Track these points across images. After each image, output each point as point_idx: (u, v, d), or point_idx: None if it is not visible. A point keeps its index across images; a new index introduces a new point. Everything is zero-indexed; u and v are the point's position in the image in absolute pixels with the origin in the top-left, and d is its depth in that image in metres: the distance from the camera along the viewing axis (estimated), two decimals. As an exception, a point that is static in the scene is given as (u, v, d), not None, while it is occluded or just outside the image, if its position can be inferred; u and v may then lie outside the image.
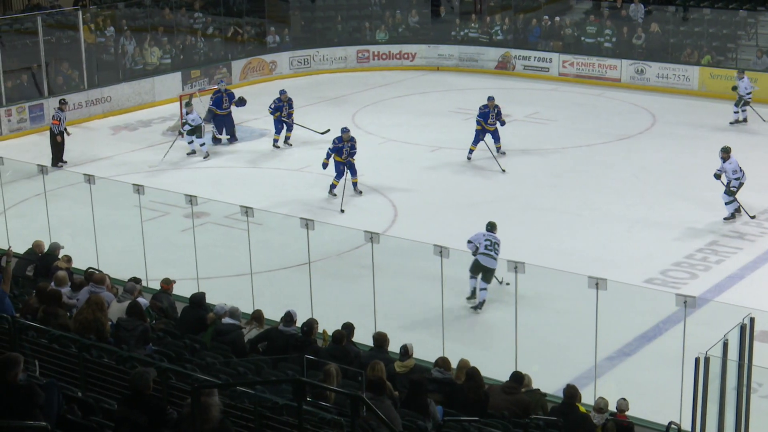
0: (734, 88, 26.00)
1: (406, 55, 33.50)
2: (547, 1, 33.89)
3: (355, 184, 20.91)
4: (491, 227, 15.90)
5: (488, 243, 15.49)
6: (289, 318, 12.34)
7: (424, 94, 30.01)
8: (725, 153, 19.43)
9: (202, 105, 26.11)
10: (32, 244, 15.25)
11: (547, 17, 32.59)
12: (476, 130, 23.20)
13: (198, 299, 13.08)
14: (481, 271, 15.42)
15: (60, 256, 14.56)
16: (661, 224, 19.30)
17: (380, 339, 11.88)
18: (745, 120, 26.02)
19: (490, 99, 23.37)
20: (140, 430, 7.96)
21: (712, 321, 12.68)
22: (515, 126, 26.38)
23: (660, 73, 29.82)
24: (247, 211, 14.39)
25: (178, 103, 26.21)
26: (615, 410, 11.17)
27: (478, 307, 15.40)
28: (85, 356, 9.53)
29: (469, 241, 15.60)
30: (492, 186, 21.67)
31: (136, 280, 13.41)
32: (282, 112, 24.32)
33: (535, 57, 31.92)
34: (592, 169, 22.66)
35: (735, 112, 26.02)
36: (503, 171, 22.20)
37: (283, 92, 24.65)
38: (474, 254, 15.45)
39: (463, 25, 33.72)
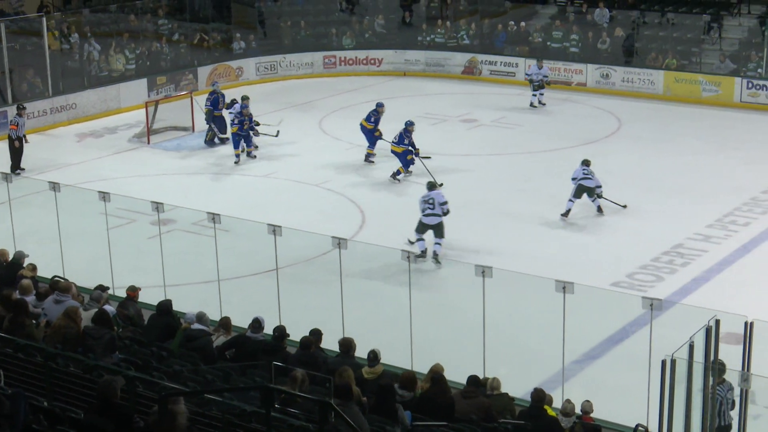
0: (530, 81, 28.63)
1: (372, 61, 33.54)
2: (512, 6, 34.05)
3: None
4: (430, 187, 18.39)
5: (424, 204, 17.95)
6: (257, 324, 12.32)
7: (391, 99, 29.93)
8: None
9: (198, 105, 25.99)
10: (-4, 252, 15.12)
11: (513, 22, 32.77)
12: (370, 134, 23.64)
13: (165, 306, 13.03)
14: (429, 229, 17.87)
15: (25, 265, 14.45)
16: (627, 228, 19.44)
17: (346, 344, 11.88)
18: (543, 103, 28.75)
19: (381, 105, 23.83)
20: None
21: (678, 323, 12.73)
22: (482, 131, 26.49)
23: (625, 77, 30.04)
24: (214, 217, 14.36)
25: (144, 110, 26.10)
26: (580, 413, 11.23)
27: (435, 259, 17.61)
28: (51, 365, 9.47)
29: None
30: (460, 190, 21.69)
31: (103, 288, 13.34)
32: (243, 126, 24.16)
33: (501, 62, 32.06)
34: (559, 173, 22.76)
35: (533, 95, 28.75)
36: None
37: (245, 107, 24.02)
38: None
39: (429, 30, 33.83)
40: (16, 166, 22.91)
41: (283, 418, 8.62)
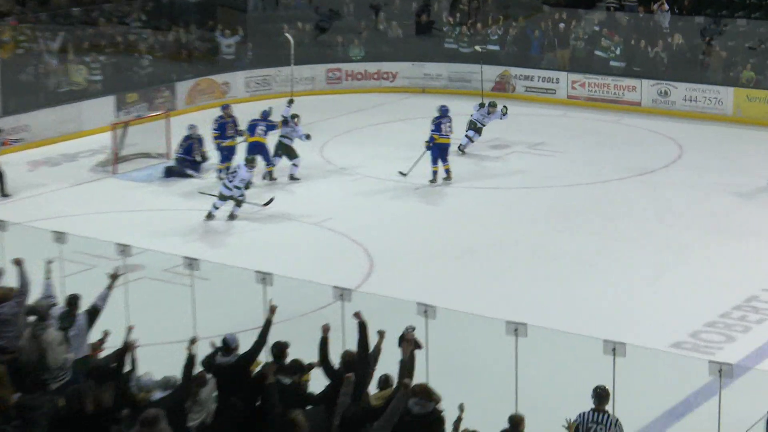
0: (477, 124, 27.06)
1: (385, 75, 33.66)
2: (550, 11, 33.97)
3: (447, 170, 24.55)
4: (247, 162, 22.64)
5: (229, 175, 22.41)
6: (227, 345, 12.56)
7: (406, 121, 30.07)
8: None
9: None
10: None
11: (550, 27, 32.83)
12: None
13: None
14: (228, 198, 22.17)
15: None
16: (690, 277, 19.31)
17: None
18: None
19: (269, 110, 25.02)
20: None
21: (753, 393, 12.62)
22: (517, 158, 26.46)
23: (687, 95, 29.99)
24: (191, 263, 14.29)
25: (110, 133, 26.12)
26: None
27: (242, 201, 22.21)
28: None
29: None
30: (490, 229, 21.66)
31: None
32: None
33: (538, 77, 32.07)
34: (609, 209, 22.69)
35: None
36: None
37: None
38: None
39: (451, 35, 33.80)
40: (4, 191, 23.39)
41: None
